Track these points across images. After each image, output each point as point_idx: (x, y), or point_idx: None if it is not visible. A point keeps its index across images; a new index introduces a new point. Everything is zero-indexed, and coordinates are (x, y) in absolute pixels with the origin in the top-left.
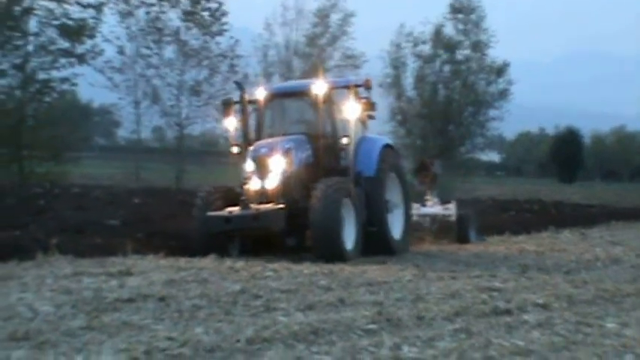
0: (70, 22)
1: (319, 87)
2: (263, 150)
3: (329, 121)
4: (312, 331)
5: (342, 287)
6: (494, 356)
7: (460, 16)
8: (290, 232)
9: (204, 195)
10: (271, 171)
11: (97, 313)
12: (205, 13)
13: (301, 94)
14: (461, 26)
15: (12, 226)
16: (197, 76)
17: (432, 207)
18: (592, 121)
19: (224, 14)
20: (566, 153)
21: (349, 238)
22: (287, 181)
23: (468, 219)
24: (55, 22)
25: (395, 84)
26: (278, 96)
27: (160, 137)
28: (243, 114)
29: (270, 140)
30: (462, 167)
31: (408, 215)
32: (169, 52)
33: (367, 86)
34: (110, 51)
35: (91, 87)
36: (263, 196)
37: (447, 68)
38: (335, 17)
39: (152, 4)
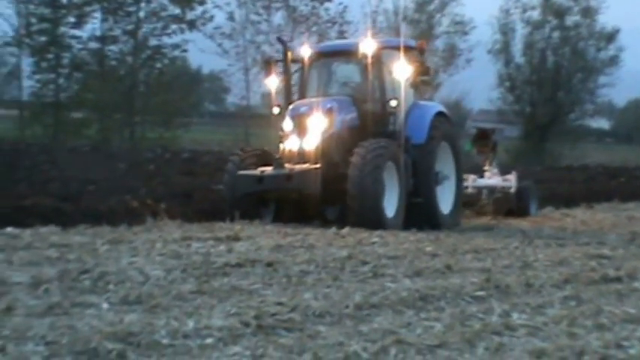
0: None
1: (368, 46)
2: (303, 108)
3: (377, 82)
4: (421, 297)
5: (449, 254)
6: (605, 324)
7: None
8: (330, 202)
9: (239, 155)
10: (310, 131)
11: (207, 278)
12: None
13: (348, 53)
14: None
15: (123, 190)
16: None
17: (490, 178)
18: None
19: None
20: None
21: (390, 205)
22: (326, 143)
23: (529, 191)
24: None
25: (503, 50)
26: (324, 55)
27: (269, 104)
28: (286, 73)
29: (312, 99)
30: (571, 134)
31: (459, 189)
32: (279, 18)
33: (421, 49)
34: (220, 17)
35: (201, 53)
36: (300, 157)
37: (556, 34)
38: None
39: None
